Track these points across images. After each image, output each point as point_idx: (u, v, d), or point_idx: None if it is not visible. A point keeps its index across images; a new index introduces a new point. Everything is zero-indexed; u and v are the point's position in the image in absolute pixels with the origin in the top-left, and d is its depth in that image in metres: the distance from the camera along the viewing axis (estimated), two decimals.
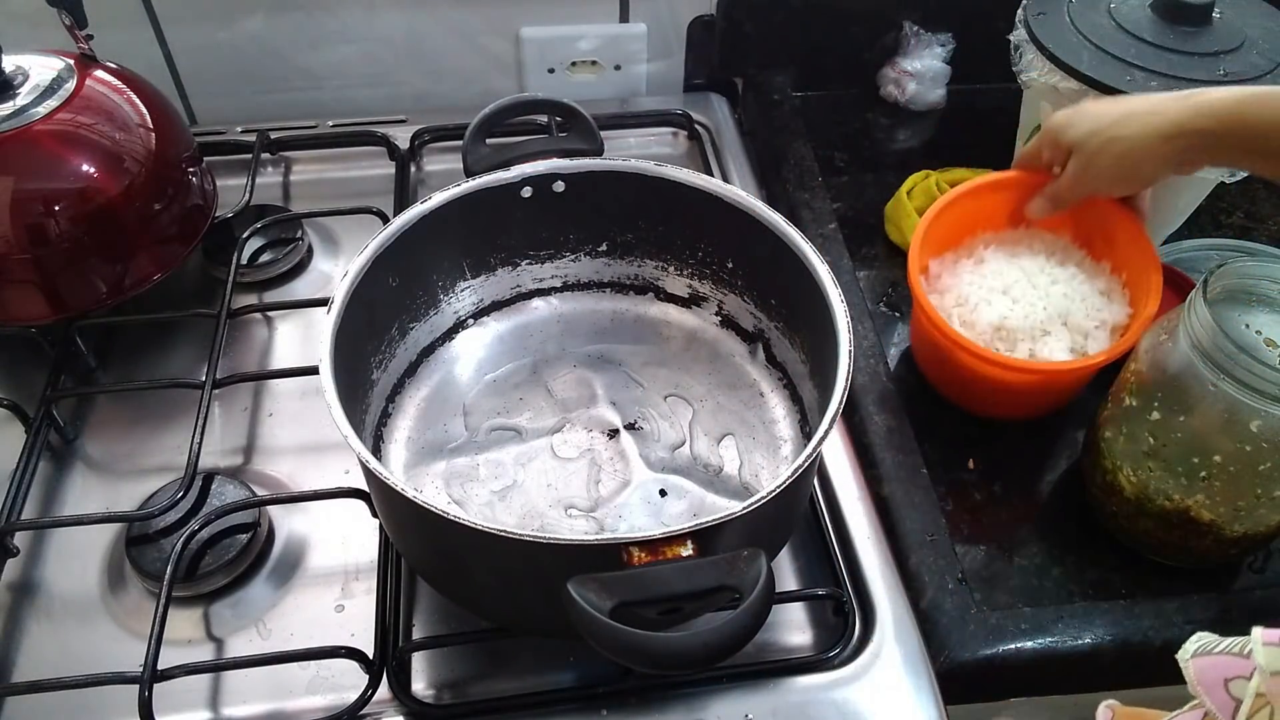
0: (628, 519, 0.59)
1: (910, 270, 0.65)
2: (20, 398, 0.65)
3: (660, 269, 0.69)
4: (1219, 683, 0.35)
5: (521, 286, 0.69)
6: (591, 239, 0.68)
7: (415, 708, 0.53)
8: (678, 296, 0.69)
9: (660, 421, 0.64)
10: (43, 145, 0.64)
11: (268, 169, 0.88)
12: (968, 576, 0.60)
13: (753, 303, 0.66)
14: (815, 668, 0.55)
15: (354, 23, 0.89)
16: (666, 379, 0.67)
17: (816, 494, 0.63)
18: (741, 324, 0.67)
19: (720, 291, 0.67)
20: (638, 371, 0.67)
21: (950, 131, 0.96)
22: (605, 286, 0.70)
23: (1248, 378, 0.50)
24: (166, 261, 0.70)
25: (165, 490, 0.61)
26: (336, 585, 0.59)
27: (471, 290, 0.68)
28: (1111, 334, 0.65)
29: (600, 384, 0.67)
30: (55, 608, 0.58)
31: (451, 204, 0.60)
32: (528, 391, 0.66)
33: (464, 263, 0.66)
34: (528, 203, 0.63)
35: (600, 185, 0.63)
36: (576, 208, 0.65)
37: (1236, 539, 0.57)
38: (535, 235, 0.67)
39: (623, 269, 0.69)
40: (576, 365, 0.68)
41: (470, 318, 0.68)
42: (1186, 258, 0.81)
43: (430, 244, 0.61)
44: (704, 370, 0.67)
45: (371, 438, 0.61)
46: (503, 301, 0.69)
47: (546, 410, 0.65)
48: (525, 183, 0.62)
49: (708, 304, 0.68)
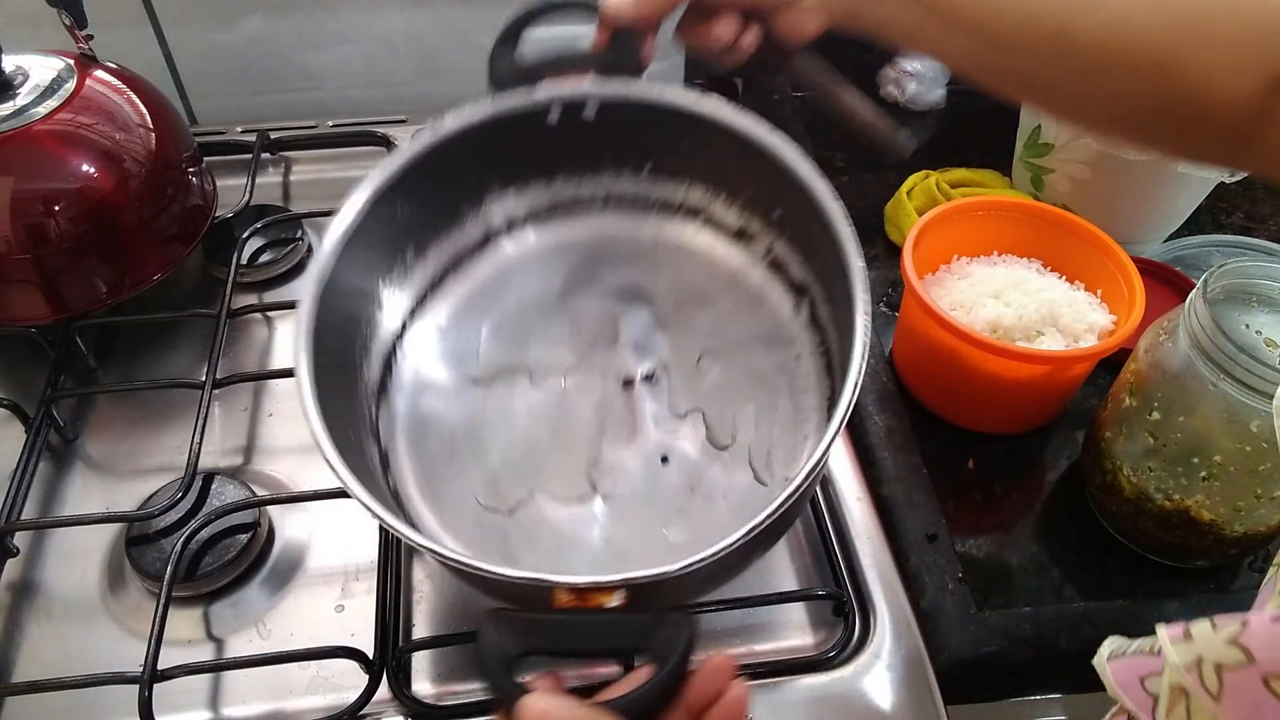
0: (622, 485, 0.56)
1: (904, 266, 0.65)
2: (20, 398, 0.65)
3: (709, 196, 0.61)
4: (1135, 682, 0.36)
5: (559, 199, 0.63)
6: (634, 159, 0.61)
7: (415, 708, 0.53)
8: (726, 227, 0.62)
9: (679, 376, 0.59)
10: (43, 145, 0.64)
11: (268, 169, 0.88)
12: (968, 576, 0.60)
13: (800, 254, 0.58)
14: (815, 668, 0.55)
15: (354, 23, 0.89)
16: (699, 324, 0.61)
17: (817, 494, 0.63)
18: (791, 273, 0.59)
19: (769, 233, 0.60)
20: (670, 313, 0.62)
21: (950, 131, 0.96)
22: (651, 206, 0.63)
23: (1248, 378, 0.50)
24: (166, 261, 0.70)
25: (165, 490, 0.61)
26: (336, 585, 0.59)
27: (502, 204, 0.62)
28: (1101, 338, 0.65)
29: (626, 323, 0.61)
30: (55, 608, 0.58)
31: (469, 129, 0.55)
32: (550, 321, 0.62)
33: (492, 178, 0.61)
34: (559, 127, 0.57)
35: (637, 114, 0.57)
36: (613, 130, 0.58)
37: (1236, 539, 0.57)
38: (570, 152, 0.60)
39: (669, 190, 0.62)
40: (605, 297, 0.62)
41: (504, 228, 0.62)
42: (1187, 255, 0.81)
43: (449, 166, 0.57)
44: (744, 319, 0.60)
45: (383, 358, 0.58)
46: (538, 213, 0.63)
47: (564, 346, 0.61)
48: (552, 106, 0.57)
49: (757, 243, 0.61)
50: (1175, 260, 0.80)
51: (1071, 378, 0.67)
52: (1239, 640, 0.32)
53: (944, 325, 0.63)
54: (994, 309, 0.66)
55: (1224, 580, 0.62)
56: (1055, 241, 0.70)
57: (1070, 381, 0.67)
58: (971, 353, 0.63)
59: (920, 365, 0.70)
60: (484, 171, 0.60)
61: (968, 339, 0.62)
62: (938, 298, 0.68)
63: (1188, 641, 0.34)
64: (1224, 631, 0.33)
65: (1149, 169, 0.73)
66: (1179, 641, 0.34)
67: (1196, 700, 0.33)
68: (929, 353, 0.67)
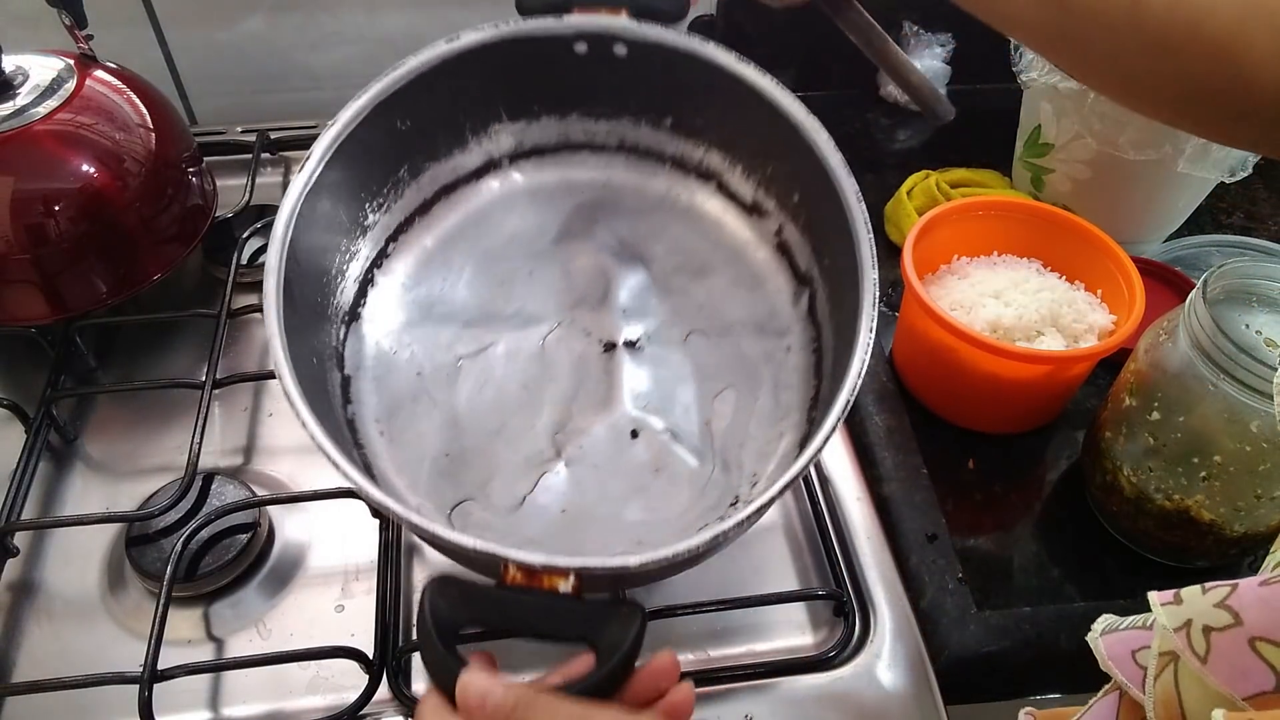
0: (587, 453, 0.54)
1: (904, 266, 0.65)
2: (20, 398, 0.65)
3: (727, 163, 0.58)
4: (1127, 655, 0.37)
5: (570, 137, 0.59)
6: (655, 109, 0.58)
7: (415, 708, 0.53)
8: (740, 197, 0.59)
9: (663, 349, 0.57)
10: (43, 145, 0.64)
11: (268, 169, 0.88)
12: (968, 576, 0.60)
13: (810, 244, 0.56)
14: (815, 668, 0.55)
15: (354, 23, 0.89)
16: (694, 297, 0.58)
17: (817, 494, 0.63)
18: (797, 260, 0.57)
19: (783, 214, 0.57)
20: (666, 278, 0.59)
21: (950, 131, 0.95)
22: (665, 160, 0.59)
23: (1248, 378, 0.50)
24: (166, 261, 0.70)
25: (165, 490, 0.61)
26: (336, 585, 0.59)
27: (509, 133, 0.58)
28: (1100, 338, 0.65)
29: (619, 283, 0.58)
30: (55, 608, 0.58)
31: (485, 48, 0.52)
32: (540, 265, 0.59)
33: (501, 105, 0.57)
34: (583, 59, 0.54)
35: (669, 61, 0.53)
36: (640, 75, 0.54)
37: (1236, 539, 0.57)
38: (589, 91, 0.57)
39: (687, 149, 0.59)
40: (601, 251, 0.59)
41: (506, 159, 0.59)
42: (1187, 255, 0.81)
43: (460, 84, 0.54)
44: (740, 299, 0.58)
45: (358, 282, 0.55)
46: (545, 148, 0.59)
47: (551, 295, 0.58)
48: (580, 37, 0.53)
49: (769, 220, 0.58)
50: (1175, 260, 0.80)
51: (1071, 378, 0.67)
52: (1227, 602, 0.32)
53: (944, 325, 0.63)
54: (994, 309, 0.66)
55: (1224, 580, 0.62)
56: (1055, 241, 0.70)
57: (1070, 381, 0.67)
58: (971, 353, 0.63)
59: (920, 365, 0.70)
60: (495, 96, 0.57)
61: (968, 339, 0.62)
62: (938, 298, 0.68)
63: (1177, 605, 0.34)
64: (1213, 594, 0.33)
65: (1149, 169, 0.73)
66: (1169, 605, 0.34)
67: (1185, 664, 0.33)
68: (929, 353, 0.67)
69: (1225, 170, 0.71)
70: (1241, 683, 0.31)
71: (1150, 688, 0.35)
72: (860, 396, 0.69)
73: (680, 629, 0.57)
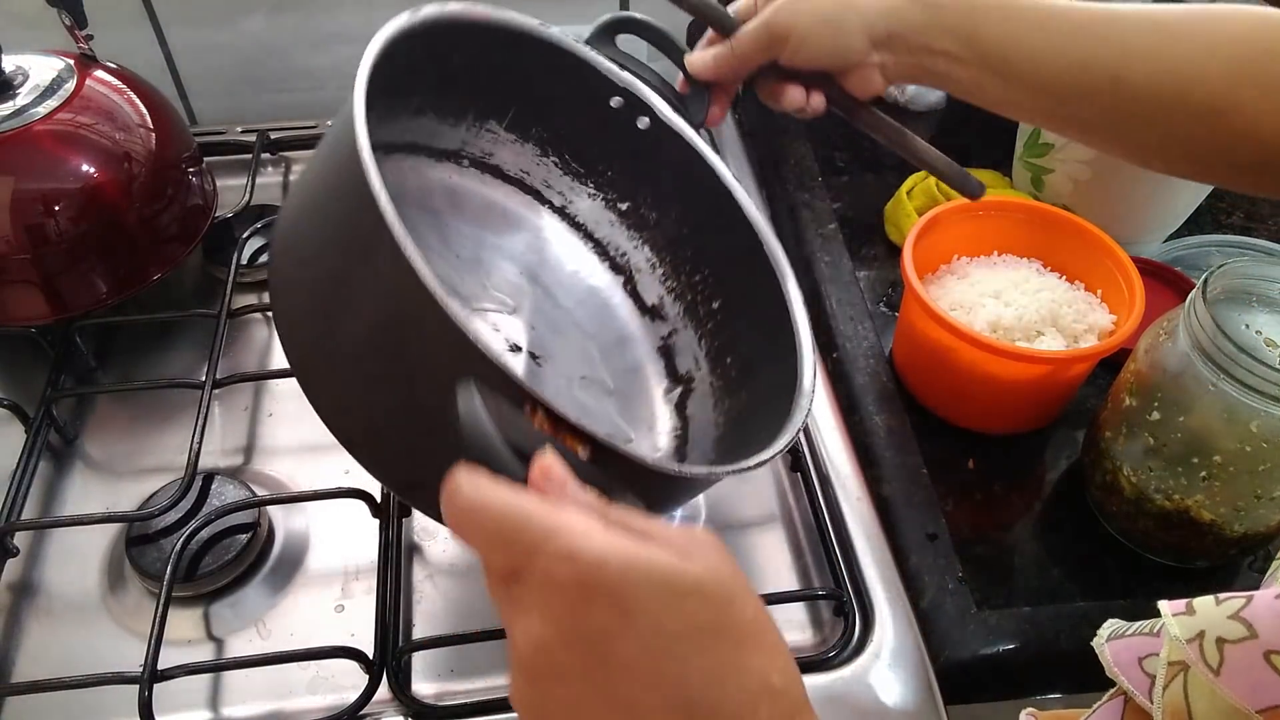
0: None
1: (904, 266, 0.65)
2: (20, 398, 0.65)
3: (651, 264, 0.64)
4: (1134, 662, 0.37)
5: (529, 176, 0.63)
6: (622, 189, 0.63)
7: (415, 708, 0.53)
8: (643, 300, 0.64)
9: (558, 378, 0.58)
10: (43, 145, 0.64)
11: (268, 169, 0.88)
12: (968, 576, 0.60)
13: (705, 347, 0.61)
14: (815, 668, 0.55)
15: (354, 23, 0.89)
16: (588, 351, 0.61)
17: (817, 494, 0.63)
18: (678, 362, 0.62)
19: (683, 320, 0.62)
20: (571, 325, 0.62)
21: (950, 132, 0.96)
22: (592, 242, 0.64)
23: (1248, 378, 0.50)
24: (166, 261, 0.70)
25: (165, 490, 0.61)
26: (336, 585, 0.59)
27: (490, 140, 0.61)
28: (1100, 338, 0.65)
29: (531, 306, 0.61)
30: (55, 608, 0.58)
31: (556, 50, 0.56)
32: (465, 255, 0.60)
33: (512, 109, 0.60)
34: (609, 113, 0.59)
35: (675, 151, 0.58)
36: (640, 150, 0.60)
37: (1236, 539, 0.57)
38: (584, 143, 0.62)
39: (620, 238, 0.64)
40: (520, 275, 0.61)
41: (468, 159, 0.61)
42: (1187, 255, 0.81)
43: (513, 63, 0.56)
44: (617, 372, 0.61)
45: None
46: (503, 174, 0.62)
47: (469, 281, 0.59)
48: (624, 93, 0.58)
49: (662, 325, 0.63)
50: (1175, 260, 0.80)
51: (1071, 378, 0.67)
52: (1241, 615, 0.32)
53: (944, 325, 0.63)
54: (994, 309, 0.66)
55: (1224, 580, 0.62)
56: (1055, 241, 0.70)
57: (1070, 381, 0.67)
58: (971, 353, 0.63)
59: (920, 365, 0.70)
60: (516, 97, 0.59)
61: (968, 339, 0.62)
62: (938, 298, 0.68)
63: (1190, 615, 0.34)
64: (1227, 606, 0.33)
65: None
66: (1181, 615, 0.34)
67: (1196, 675, 0.33)
68: (929, 353, 0.67)
69: None
70: (1255, 696, 0.31)
71: (1159, 697, 0.34)
72: (860, 396, 0.69)
73: None
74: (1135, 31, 0.48)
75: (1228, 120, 0.46)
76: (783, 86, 0.56)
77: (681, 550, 0.28)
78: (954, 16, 0.51)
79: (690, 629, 0.27)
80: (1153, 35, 0.47)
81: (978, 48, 0.50)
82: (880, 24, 0.52)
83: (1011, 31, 0.50)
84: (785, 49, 0.53)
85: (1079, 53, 0.48)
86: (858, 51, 0.53)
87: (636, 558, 0.27)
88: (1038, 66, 0.49)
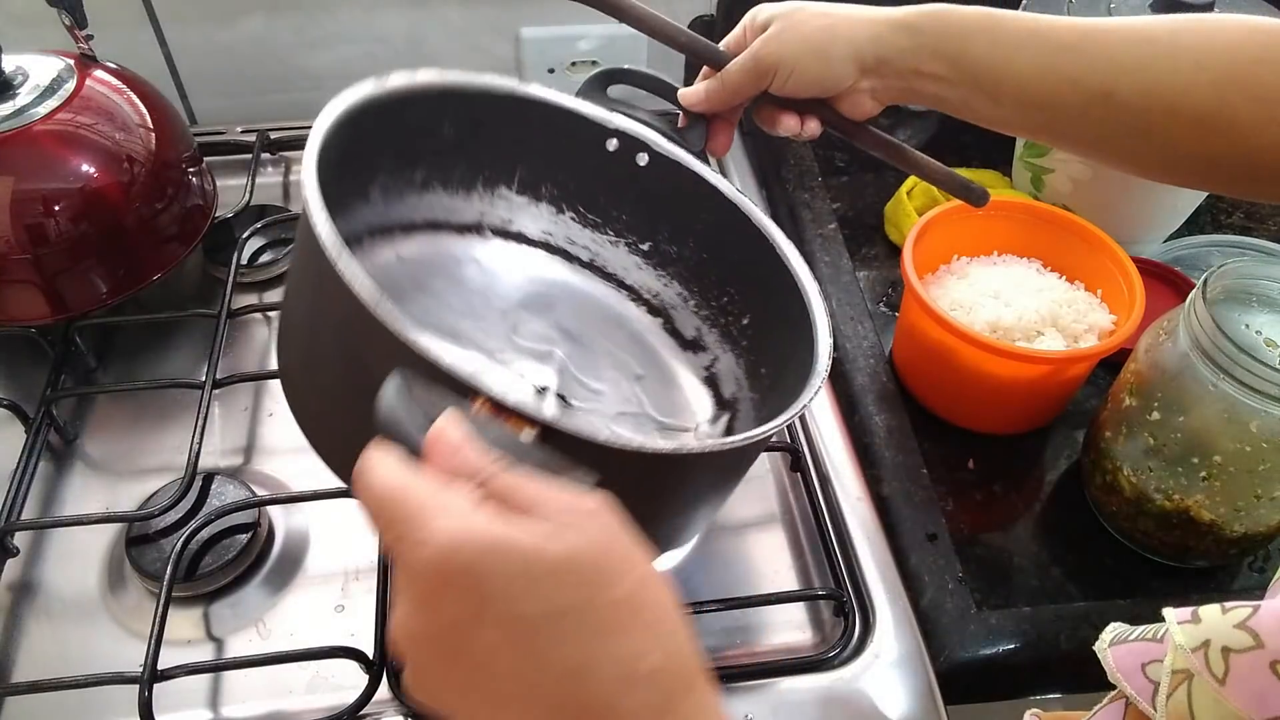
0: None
1: (904, 266, 0.65)
2: (20, 398, 0.65)
3: (683, 298, 0.64)
4: (1136, 668, 0.36)
5: (553, 239, 0.64)
6: (640, 230, 0.64)
7: (415, 708, 0.53)
8: (682, 335, 0.64)
9: (589, 413, 0.59)
10: (43, 145, 0.64)
11: (268, 169, 0.88)
12: (968, 576, 0.60)
13: (743, 366, 0.61)
14: (815, 668, 0.55)
15: (354, 23, 0.89)
16: (625, 390, 0.62)
17: (817, 494, 0.63)
18: (722, 388, 0.62)
19: (721, 346, 0.63)
20: (606, 367, 0.62)
21: (950, 131, 0.96)
22: (624, 288, 0.65)
23: (1248, 378, 0.50)
24: (166, 261, 0.70)
25: (165, 490, 0.61)
26: (336, 585, 0.59)
27: (507, 207, 0.63)
28: (1100, 338, 0.65)
29: (562, 352, 0.61)
30: (55, 608, 0.58)
31: (543, 105, 0.57)
32: (491, 315, 0.60)
33: (520, 169, 0.61)
34: (609, 157, 0.60)
35: (677, 181, 0.59)
36: (645, 190, 0.61)
37: (1236, 539, 0.57)
38: (595, 193, 0.63)
39: (649, 280, 0.65)
40: (551, 327, 0.62)
41: (490, 229, 0.63)
42: (1187, 255, 0.81)
43: (502, 126, 0.58)
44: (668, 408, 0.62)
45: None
46: (527, 239, 0.64)
47: (496, 337, 0.59)
48: (617, 134, 0.59)
49: (703, 355, 0.63)
50: (1175, 260, 0.80)
51: (1071, 378, 0.67)
52: (1248, 624, 0.32)
53: (944, 325, 0.63)
54: (994, 309, 0.66)
55: (1224, 580, 0.62)
56: (1055, 241, 0.70)
57: (1070, 381, 0.67)
58: (971, 353, 0.63)
59: (920, 365, 0.70)
60: (520, 158, 0.61)
61: (968, 339, 0.62)
62: (938, 298, 0.68)
63: (1195, 624, 0.34)
64: (1233, 615, 0.33)
65: None
66: (1186, 624, 0.34)
67: (1200, 684, 0.33)
68: (929, 353, 0.67)
69: None
70: (1261, 706, 0.31)
71: (1162, 704, 0.34)
72: (860, 396, 0.69)
73: None
74: (1123, 46, 0.48)
75: (1219, 130, 0.46)
76: (776, 113, 0.56)
77: (553, 528, 0.27)
78: (941, 39, 0.51)
79: (548, 614, 0.26)
80: (1141, 48, 0.47)
81: (966, 69, 0.50)
82: (868, 50, 0.52)
83: (1000, 51, 0.50)
84: (775, 80, 0.54)
85: (1068, 69, 0.48)
86: (846, 78, 0.53)
87: (495, 541, 0.26)
88: (1027, 85, 0.50)
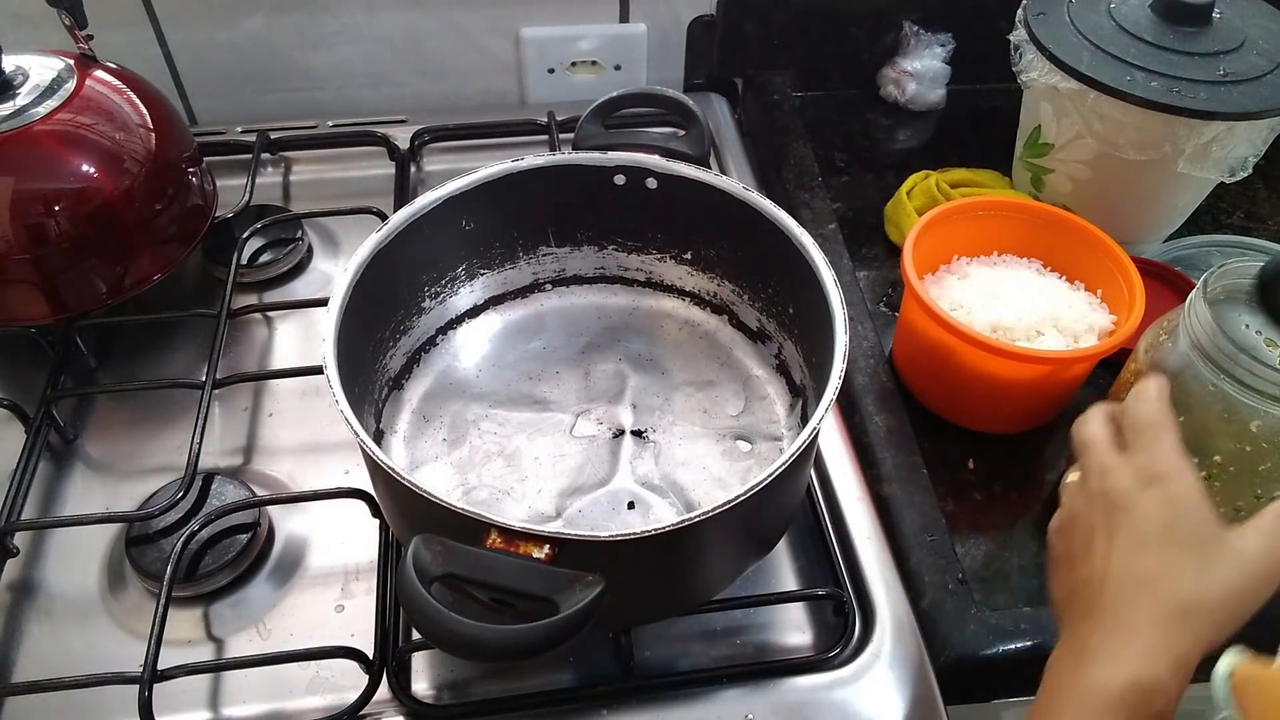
0: (585, 516, 0.59)
1: (904, 266, 0.65)
2: (20, 398, 0.65)
3: (736, 294, 0.67)
4: None
5: (606, 269, 0.69)
6: (677, 243, 0.67)
7: (415, 708, 0.53)
8: (748, 327, 0.67)
9: (667, 439, 0.63)
10: (43, 145, 0.64)
11: (268, 169, 0.88)
12: (968, 576, 0.60)
13: (801, 353, 0.62)
14: (815, 668, 0.55)
15: (354, 23, 0.89)
16: (698, 402, 0.65)
17: (816, 494, 0.63)
18: (793, 374, 0.64)
19: (781, 334, 0.65)
20: (676, 386, 0.66)
21: (950, 132, 0.96)
22: (685, 296, 0.69)
23: (1248, 378, 0.50)
24: (166, 261, 0.70)
25: (165, 490, 0.61)
26: (336, 585, 0.59)
27: (555, 259, 0.68)
28: (1100, 338, 0.65)
29: (633, 385, 0.65)
30: (55, 608, 0.58)
31: (542, 170, 0.61)
32: (566, 369, 0.66)
33: (550, 229, 0.67)
34: (621, 190, 0.63)
35: (690, 193, 0.62)
36: (666, 206, 0.64)
37: None
38: (625, 224, 0.67)
39: (703, 283, 0.68)
40: (620, 360, 0.67)
41: (549, 282, 0.69)
42: (1187, 255, 0.81)
43: (515, 201, 0.62)
44: (742, 408, 0.64)
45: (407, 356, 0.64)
46: (584, 278, 0.70)
47: (572, 393, 0.65)
48: (619, 170, 0.62)
49: (771, 344, 0.66)
50: (1175, 260, 0.80)
51: (1071, 378, 0.67)
52: None
53: (944, 325, 0.63)
54: (994, 309, 0.66)
55: None
56: (1055, 241, 0.70)
57: (1070, 381, 0.67)
58: (971, 353, 0.63)
59: (920, 365, 0.70)
60: (546, 220, 0.66)
61: (968, 339, 0.62)
62: (938, 298, 0.68)
63: None
64: None
65: (1149, 169, 0.73)
66: None
67: None
68: (929, 353, 0.67)
69: (1225, 170, 0.71)
70: None
71: None
72: (860, 396, 0.69)
73: (680, 628, 0.57)
74: None
75: None
76: None
77: None
78: None
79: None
80: None
81: None
82: None
83: None
84: None
85: None
86: None
87: None
88: None
